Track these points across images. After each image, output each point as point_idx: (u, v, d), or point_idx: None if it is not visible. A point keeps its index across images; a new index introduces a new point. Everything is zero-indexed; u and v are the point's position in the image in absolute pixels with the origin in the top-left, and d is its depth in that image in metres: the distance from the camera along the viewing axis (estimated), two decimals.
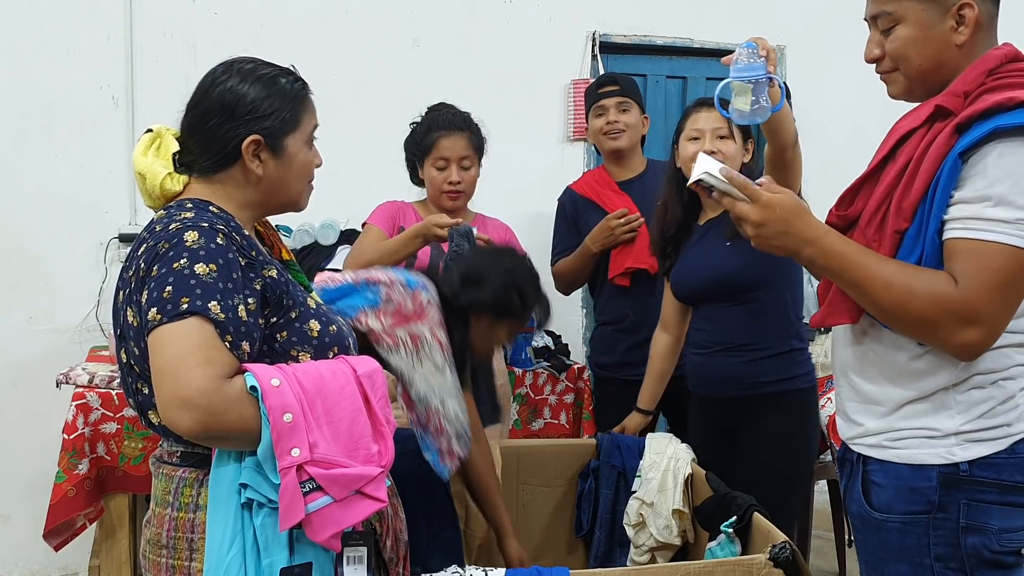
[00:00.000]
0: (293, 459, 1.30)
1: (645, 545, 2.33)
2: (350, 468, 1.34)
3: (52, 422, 2.86)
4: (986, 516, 1.45)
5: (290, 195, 1.55)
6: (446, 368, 1.78)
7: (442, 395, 1.77)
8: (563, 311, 3.93)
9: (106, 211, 3.40)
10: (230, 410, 1.28)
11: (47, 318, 3.36)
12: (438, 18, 3.75)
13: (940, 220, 1.41)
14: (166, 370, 1.27)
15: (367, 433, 1.39)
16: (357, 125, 3.51)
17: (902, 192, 1.46)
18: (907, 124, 1.52)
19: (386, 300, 1.74)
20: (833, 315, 1.56)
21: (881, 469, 1.54)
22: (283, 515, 1.30)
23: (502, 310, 1.96)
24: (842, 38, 4.16)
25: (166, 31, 3.43)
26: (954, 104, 1.45)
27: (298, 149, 1.51)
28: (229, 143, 1.46)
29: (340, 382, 1.39)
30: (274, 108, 1.48)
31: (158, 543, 1.42)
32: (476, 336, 1.95)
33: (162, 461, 1.47)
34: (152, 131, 1.52)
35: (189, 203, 1.45)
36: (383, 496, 1.38)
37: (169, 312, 1.29)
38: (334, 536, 1.34)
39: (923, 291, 1.39)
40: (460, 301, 1.89)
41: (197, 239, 1.35)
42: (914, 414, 1.50)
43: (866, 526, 1.57)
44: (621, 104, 2.92)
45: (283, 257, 1.64)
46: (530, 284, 2.02)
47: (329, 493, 1.32)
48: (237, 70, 1.49)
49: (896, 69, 1.54)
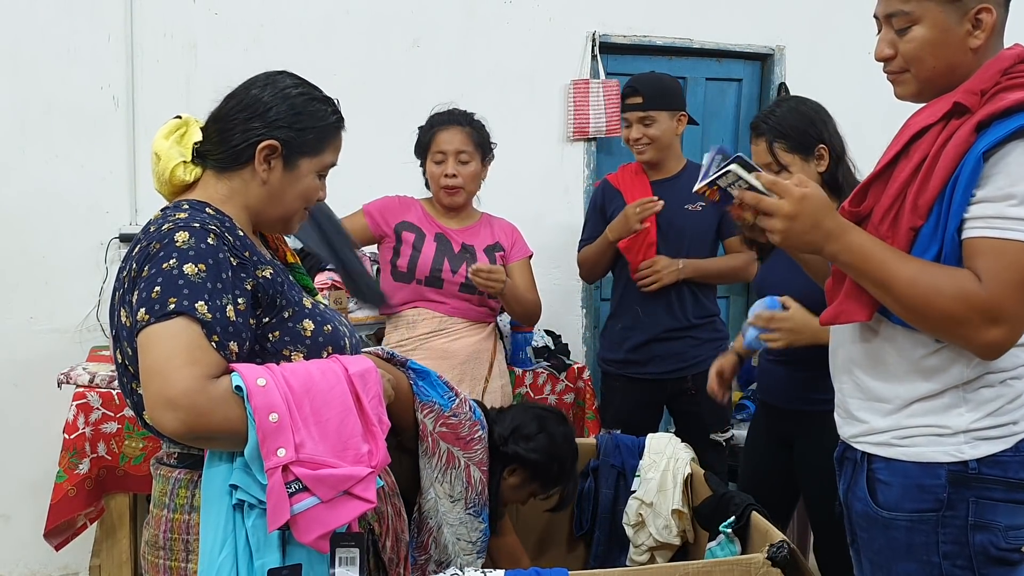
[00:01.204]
0: (279, 459, 1.29)
1: (644, 545, 2.34)
2: (338, 468, 1.34)
3: (53, 422, 2.87)
4: (993, 513, 1.46)
5: (284, 211, 1.54)
6: (460, 500, 1.84)
7: (441, 521, 1.83)
8: (563, 311, 3.95)
9: (106, 211, 3.40)
10: (215, 411, 1.28)
11: (48, 318, 3.36)
12: (438, 18, 3.75)
13: (960, 218, 1.40)
14: (152, 370, 1.28)
15: (357, 433, 1.38)
16: (357, 125, 3.48)
17: (918, 189, 1.44)
18: (922, 120, 1.50)
19: (452, 413, 1.79)
20: (847, 312, 1.54)
21: (888, 467, 1.53)
22: (270, 516, 1.30)
23: (538, 472, 2.07)
24: (842, 38, 4.18)
25: (166, 31, 3.43)
26: (971, 102, 1.44)
27: (308, 173, 1.53)
28: (246, 140, 1.47)
29: (330, 381, 1.38)
30: (303, 126, 1.50)
31: (155, 544, 1.43)
32: (505, 484, 2.04)
33: (161, 462, 1.48)
34: (181, 118, 1.53)
35: (186, 204, 1.45)
36: (372, 497, 1.37)
37: (157, 312, 1.30)
38: (322, 537, 1.33)
39: (948, 289, 1.38)
40: (506, 448, 2.00)
41: (187, 239, 1.35)
42: (922, 412, 1.50)
43: (872, 525, 1.56)
44: (644, 119, 2.89)
45: (288, 260, 1.65)
46: (570, 460, 2.14)
47: (316, 494, 1.31)
48: (289, 82, 1.52)
49: (907, 70, 1.52)
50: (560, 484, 2.13)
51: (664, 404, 3.08)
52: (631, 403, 3.00)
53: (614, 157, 4.00)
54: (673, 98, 2.93)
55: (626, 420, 2.92)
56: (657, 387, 2.96)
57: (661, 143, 2.91)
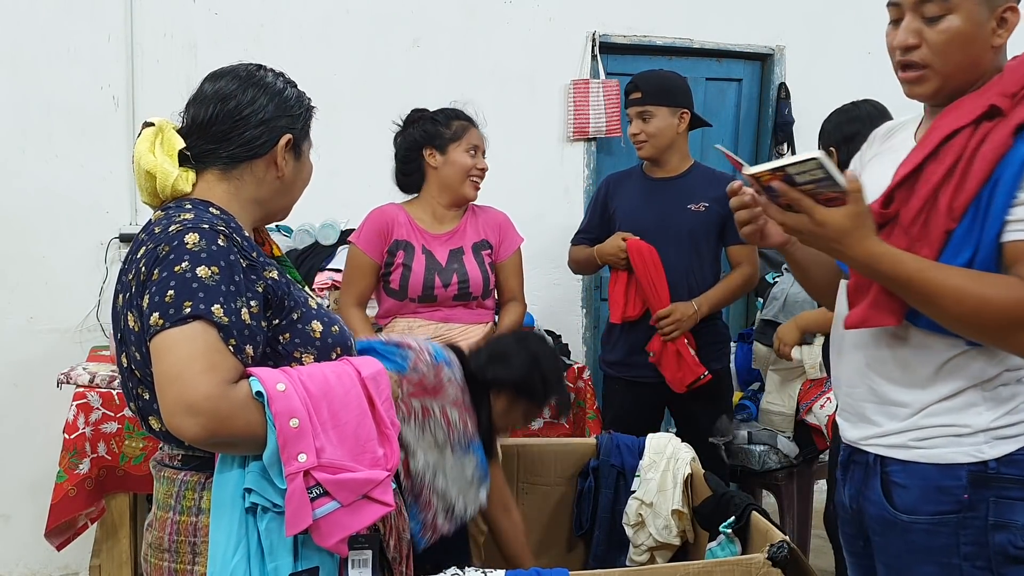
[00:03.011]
0: (300, 464, 1.28)
1: (644, 545, 2.34)
2: (357, 473, 1.33)
3: (53, 422, 2.87)
4: (1012, 513, 1.45)
5: (291, 200, 1.58)
6: (446, 446, 1.83)
7: (436, 470, 1.82)
8: (563, 311, 3.95)
9: (106, 211, 3.40)
10: (236, 416, 1.26)
11: (48, 318, 3.36)
12: (438, 18, 3.75)
13: (1001, 221, 1.37)
14: (171, 376, 1.26)
15: (372, 436, 1.38)
16: (357, 125, 3.51)
17: (953, 191, 1.41)
18: (952, 122, 1.46)
19: (412, 368, 1.77)
20: (876, 316, 1.49)
21: (904, 470, 1.51)
22: (290, 521, 1.29)
23: (523, 390, 2.05)
24: (842, 38, 4.19)
25: (166, 31, 3.43)
26: (1006, 104, 1.41)
27: (308, 157, 1.57)
28: (264, 135, 1.47)
29: (345, 385, 1.38)
30: (298, 113, 1.52)
31: (160, 547, 1.41)
32: (495, 413, 2.03)
33: (163, 464, 1.46)
34: (153, 124, 1.48)
35: (188, 203, 1.42)
36: (390, 500, 1.37)
37: (172, 316, 1.27)
38: (341, 541, 1.33)
39: (997, 299, 1.35)
40: (485, 376, 1.98)
41: (198, 241, 1.33)
42: (940, 412, 1.48)
43: (889, 529, 1.53)
44: (642, 114, 2.89)
45: (274, 254, 1.63)
46: (553, 372, 2.11)
47: (336, 498, 1.31)
48: (270, 71, 1.53)
49: (927, 66, 1.47)
50: (548, 396, 2.11)
51: (665, 406, 3.08)
52: (632, 405, 3.00)
53: (614, 157, 4.00)
54: (674, 95, 2.91)
55: (627, 422, 2.91)
56: (658, 390, 2.96)
57: (660, 140, 2.90)
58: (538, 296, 3.64)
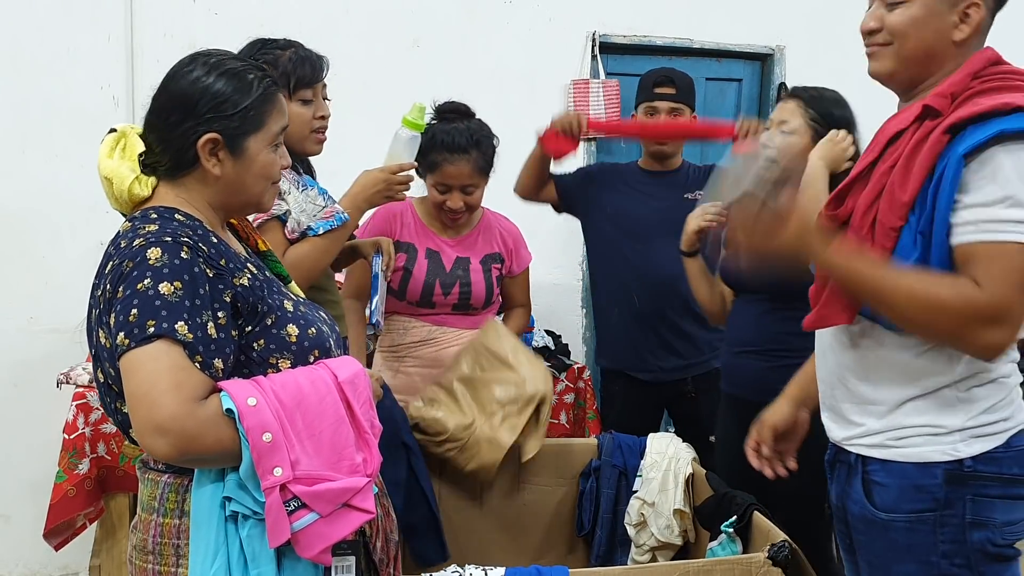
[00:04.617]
0: (276, 479, 1.27)
1: (646, 544, 2.34)
2: (335, 482, 1.31)
3: (52, 422, 2.86)
4: (990, 511, 1.46)
5: (249, 196, 1.48)
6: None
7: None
8: (563, 311, 3.95)
9: (106, 211, 3.33)
10: (205, 433, 1.25)
11: (47, 318, 3.35)
12: (438, 18, 3.75)
13: (947, 223, 1.40)
14: (137, 396, 1.25)
15: (351, 443, 1.36)
16: (357, 125, 3.51)
17: (895, 188, 1.46)
18: (896, 125, 1.53)
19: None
20: (830, 316, 1.56)
21: (883, 468, 1.54)
22: (270, 534, 1.28)
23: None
24: (842, 38, 4.16)
25: (166, 31, 3.43)
26: (942, 105, 1.46)
27: (259, 150, 1.44)
28: (186, 141, 1.40)
29: (320, 392, 1.35)
30: (239, 106, 1.41)
31: (144, 549, 1.40)
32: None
33: (147, 467, 1.44)
34: (116, 130, 1.47)
35: (154, 213, 1.40)
36: (371, 507, 1.35)
37: (136, 336, 1.26)
38: (324, 551, 1.32)
39: (948, 299, 1.38)
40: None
41: (160, 256, 1.31)
42: (916, 411, 1.50)
43: (871, 527, 1.56)
44: (674, 110, 2.91)
45: (259, 248, 1.61)
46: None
47: (315, 510, 1.29)
48: (203, 62, 1.43)
49: (889, 44, 1.54)
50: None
51: (664, 407, 3.08)
52: (631, 406, 3.00)
53: (614, 157, 3.99)
54: (694, 97, 3.01)
55: (627, 424, 2.91)
56: (656, 390, 2.96)
57: None
58: (538, 296, 3.61)
